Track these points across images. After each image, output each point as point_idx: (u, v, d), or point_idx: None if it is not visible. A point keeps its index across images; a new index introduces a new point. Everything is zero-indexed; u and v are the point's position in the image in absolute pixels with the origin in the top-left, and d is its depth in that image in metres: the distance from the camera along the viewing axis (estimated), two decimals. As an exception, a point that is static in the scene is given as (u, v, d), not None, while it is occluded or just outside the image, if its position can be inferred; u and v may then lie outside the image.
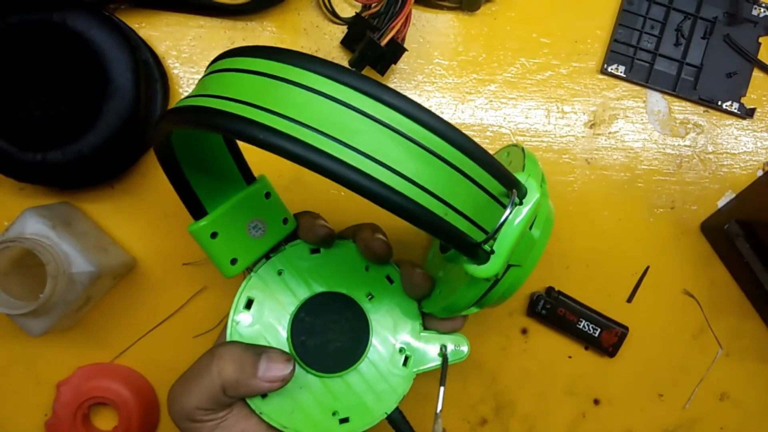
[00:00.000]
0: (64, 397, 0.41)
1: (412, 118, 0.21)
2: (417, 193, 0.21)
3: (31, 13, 0.36)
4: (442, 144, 0.22)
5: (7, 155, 0.37)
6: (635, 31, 0.44)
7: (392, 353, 0.34)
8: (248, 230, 0.33)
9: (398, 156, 0.21)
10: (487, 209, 0.24)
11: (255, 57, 0.22)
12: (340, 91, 0.21)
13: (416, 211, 0.21)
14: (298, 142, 0.20)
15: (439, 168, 0.22)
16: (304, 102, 0.21)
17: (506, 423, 0.44)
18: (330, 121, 0.21)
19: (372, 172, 0.21)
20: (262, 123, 0.21)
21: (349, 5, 0.43)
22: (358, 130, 0.21)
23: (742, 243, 0.41)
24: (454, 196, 0.22)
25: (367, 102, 0.21)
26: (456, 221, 0.23)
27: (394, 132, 0.21)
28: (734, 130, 0.45)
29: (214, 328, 0.42)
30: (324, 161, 0.20)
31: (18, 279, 0.36)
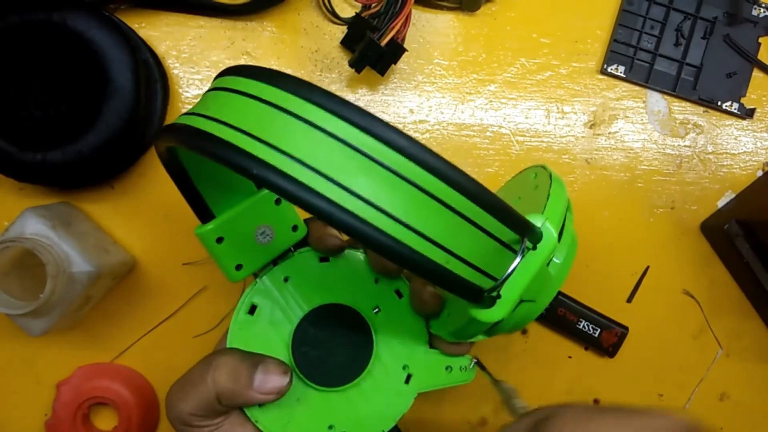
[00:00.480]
0: (64, 397, 0.41)
1: (414, 159, 0.20)
2: (416, 240, 0.20)
3: (31, 13, 0.36)
4: (444, 188, 0.21)
5: (7, 155, 0.37)
6: (635, 31, 0.44)
7: (395, 370, 0.33)
8: (256, 236, 0.33)
9: (397, 201, 0.20)
10: (495, 256, 0.23)
11: (257, 80, 0.21)
12: (340, 127, 0.20)
13: (415, 259, 0.20)
14: (293, 181, 0.19)
15: (440, 213, 0.21)
16: (302, 137, 0.20)
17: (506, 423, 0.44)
18: (327, 159, 0.20)
19: (368, 217, 0.20)
20: (257, 157, 0.20)
21: (349, 5, 0.43)
22: (357, 172, 0.20)
23: (742, 243, 0.41)
24: (456, 244, 0.21)
25: (367, 140, 0.20)
26: (459, 269, 0.22)
27: (394, 174, 0.20)
28: (734, 130, 0.45)
29: (214, 328, 0.42)
30: (319, 203, 0.19)
31: (18, 279, 0.36)
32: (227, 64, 0.42)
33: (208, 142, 0.21)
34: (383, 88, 0.43)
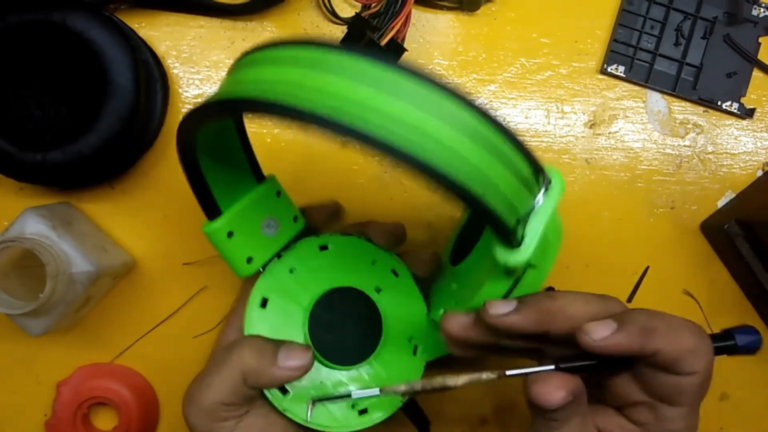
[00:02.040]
0: (64, 397, 0.41)
1: (454, 97, 0.21)
2: (467, 169, 0.21)
3: (31, 13, 0.36)
4: (482, 123, 0.22)
5: (7, 155, 0.37)
6: (635, 31, 0.44)
7: (403, 344, 0.35)
8: (262, 229, 0.33)
9: (442, 130, 0.21)
10: (520, 193, 0.24)
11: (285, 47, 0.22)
12: (382, 72, 0.21)
13: (464, 186, 0.21)
14: (346, 115, 0.20)
15: (481, 145, 0.22)
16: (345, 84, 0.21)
17: (506, 423, 0.44)
18: (373, 99, 0.21)
19: (420, 141, 0.20)
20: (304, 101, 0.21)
21: (349, 5, 0.43)
22: (401, 106, 0.21)
23: (742, 243, 0.41)
24: (494, 175, 0.22)
25: (408, 82, 0.21)
26: (495, 200, 0.22)
27: (434, 108, 0.21)
28: (734, 130, 0.45)
29: (214, 328, 0.42)
30: (371, 131, 0.20)
31: (18, 279, 0.36)
32: (227, 64, 0.42)
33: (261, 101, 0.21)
34: (383, 88, 0.43)
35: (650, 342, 0.26)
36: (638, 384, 0.27)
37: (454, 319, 0.29)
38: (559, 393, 0.26)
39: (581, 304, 0.27)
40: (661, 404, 0.27)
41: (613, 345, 0.26)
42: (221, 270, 0.42)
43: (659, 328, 0.26)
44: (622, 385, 0.28)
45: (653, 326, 0.26)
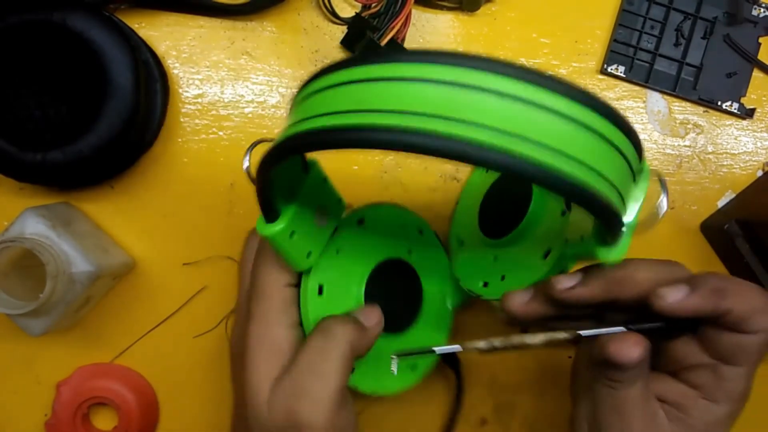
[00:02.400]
0: (64, 397, 0.41)
1: (546, 88, 0.20)
2: (569, 163, 0.20)
3: (31, 13, 0.36)
4: (583, 111, 0.20)
5: (7, 155, 0.37)
6: (635, 31, 0.44)
7: (437, 298, 0.38)
8: (316, 220, 0.33)
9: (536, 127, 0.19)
10: (628, 183, 0.23)
11: (340, 70, 0.22)
12: (447, 72, 0.19)
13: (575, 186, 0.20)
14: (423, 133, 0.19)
15: (585, 136, 0.20)
16: (415, 92, 0.20)
17: (506, 423, 0.44)
18: (446, 104, 0.19)
19: (510, 146, 0.19)
20: (380, 124, 0.20)
21: (349, 5, 0.43)
22: (482, 108, 0.19)
23: (742, 243, 0.41)
24: (603, 166, 0.21)
25: (486, 78, 0.19)
26: (607, 191, 0.21)
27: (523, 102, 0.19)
28: (734, 130, 0.45)
29: (213, 328, 0.42)
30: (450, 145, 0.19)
31: (18, 279, 0.36)
32: (227, 64, 0.42)
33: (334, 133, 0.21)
34: (383, 88, 0.43)
35: (723, 302, 0.26)
36: (700, 346, 0.28)
37: (517, 298, 0.30)
38: (637, 349, 0.27)
39: (648, 269, 0.28)
40: (722, 365, 0.28)
41: (688, 307, 0.27)
42: (221, 270, 0.42)
43: (730, 289, 0.27)
44: (681, 349, 0.29)
45: (724, 287, 0.27)
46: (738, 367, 0.28)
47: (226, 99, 0.42)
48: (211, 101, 0.42)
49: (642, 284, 0.28)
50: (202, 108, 0.42)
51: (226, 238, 0.42)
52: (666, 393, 0.29)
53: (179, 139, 0.42)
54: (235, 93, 0.43)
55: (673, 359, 0.29)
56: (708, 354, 0.28)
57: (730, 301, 0.26)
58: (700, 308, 0.27)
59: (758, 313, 0.26)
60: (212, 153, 0.42)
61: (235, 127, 0.42)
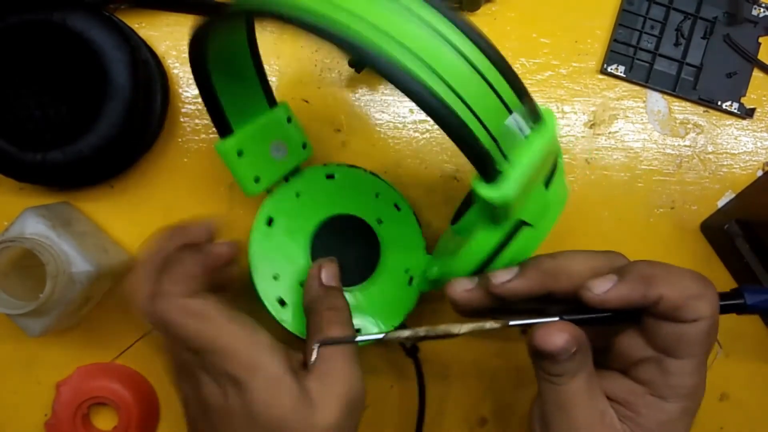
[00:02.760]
0: (64, 397, 0.41)
1: (450, 20, 0.22)
2: (445, 90, 0.21)
3: (31, 13, 0.36)
4: (472, 48, 0.22)
5: (7, 155, 0.37)
6: (635, 31, 0.44)
7: (399, 273, 0.37)
8: (271, 151, 0.36)
9: (421, 42, 0.21)
10: (497, 114, 0.23)
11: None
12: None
13: (439, 110, 0.21)
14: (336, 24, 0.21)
15: (457, 62, 0.22)
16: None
17: (506, 423, 0.44)
18: (373, 11, 0.21)
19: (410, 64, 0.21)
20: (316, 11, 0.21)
21: (349, 5, 0.43)
22: (403, 25, 0.21)
23: (742, 243, 0.41)
24: (467, 92, 0.22)
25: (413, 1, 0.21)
26: (476, 128, 0.22)
27: (433, 30, 0.21)
28: (734, 130, 0.45)
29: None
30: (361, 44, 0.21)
31: (18, 279, 0.36)
32: (227, 64, 0.42)
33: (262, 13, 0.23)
34: (383, 87, 0.43)
35: (652, 289, 0.25)
36: (643, 338, 0.27)
37: (458, 285, 0.29)
38: (562, 336, 0.26)
39: (582, 261, 0.28)
40: (667, 357, 0.26)
41: (615, 297, 0.26)
42: (221, 270, 0.42)
43: (660, 275, 0.26)
44: (626, 343, 0.28)
45: (654, 273, 0.26)
46: (683, 360, 0.26)
47: (226, 99, 0.42)
48: (211, 101, 0.42)
49: (576, 276, 0.27)
50: (202, 108, 0.42)
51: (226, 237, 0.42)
52: (615, 391, 0.28)
53: (179, 139, 0.42)
54: (235, 93, 0.43)
55: (620, 355, 0.28)
56: (651, 347, 0.27)
57: (660, 288, 0.25)
58: (627, 298, 0.26)
59: (693, 300, 0.25)
60: (212, 153, 0.42)
61: (235, 127, 0.42)
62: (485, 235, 0.27)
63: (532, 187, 0.26)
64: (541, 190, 0.27)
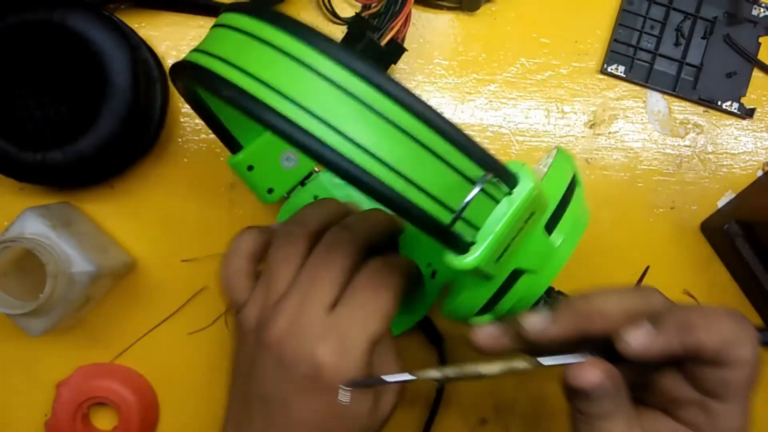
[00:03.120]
0: (64, 397, 0.41)
1: (377, 88, 0.21)
2: (372, 164, 0.21)
3: (31, 13, 0.36)
4: (405, 116, 0.21)
5: (7, 155, 0.37)
6: (635, 31, 0.44)
7: (422, 267, 0.36)
8: (281, 162, 0.36)
9: (354, 123, 0.20)
10: (460, 191, 0.23)
11: (239, 13, 0.23)
12: (303, 51, 0.21)
13: (368, 182, 0.21)
14: (250, 98, 0.21)
15: (400, 141, 0.21)
16: (268, 59, 0.21)
17: (506, 423, 0.44)
18: (287, 80, 0.21)
19: (324, 136, 0.20)
20: (226, 78, 0.21)
21: (349, 5, 0.43)
22: (315, 92, 0.20)
23: (742, 243, 0.41)
24: (416, 172, 0.21)
25: (328, 64, 0.20)
26: (418, 199, 0.22)
27: (353, 98, 0.20)
28: (734, 130, 0.45)
29: (210, 325, 0.42)
30: (272, 118, 0.20)
31: (18, 279, 0.36)
32: (227, 64, 0.42)
33: (206, 79, 0.22)
34: (383, 88, 0.43)
35: (690, 338, 0.25)
36: (685, 380, 0.26)
37: (484, 332, 0.29)
38: (596, 373, 0.25)
39: (617, 302, 0.27)
40: (711, 400, 0.25)
41: (654, 350, 0.25)
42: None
43: (698, 323, 0.25)
44: (668, 383, 0.27)
45: (691, 321, 0.25)
46: (728, 403, 0.25)
47: (226, 99, 0.42)
48: (211, 101, 0.42)
49: (611, 317, 0.26)
50: (202, 108, 0.42)
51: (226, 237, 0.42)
52: (657, 428, 0.27)
53: (179, 139, 0.42)
54: (235, 93, 0.43)
55: (662, 394, 0.27)
56: (695, 389, 0.26)
57: (699, 335, 0.25)
58: (667, 349, 0.25)
59: (732, 345, 0.25)
60: (212, 153, 0.42)
61: (235, 127, 0.42)
62: (477, 289, 0.27)
63: (524, 240, 0.26)
64: (540, 237, 0.27)
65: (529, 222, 0.25)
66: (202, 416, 0.43)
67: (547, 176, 0.28)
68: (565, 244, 0.28)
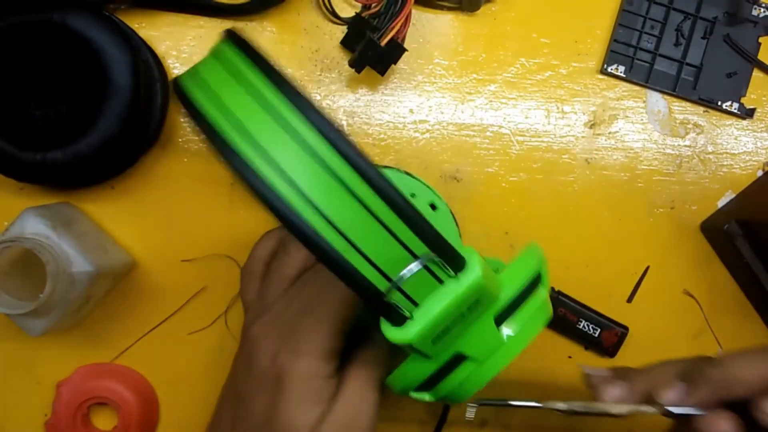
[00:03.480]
0: (64, 397, 0.41)
1: (336, 148, 0.21)
2: (318, 220, 0.21)
3: (31, 13, 0.36)
4: (359, 182, 0.21)
5: (7, 155, 0.37)
6: (635, 31, 0.44)
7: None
8: None
9: (310, 179, 0.21)
10: (403, 265, 0.23)
11: (230, 44, 0.23)
12: (275, 98, 0.21)
13: (310, 235, 0.21)
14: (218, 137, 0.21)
15: (350, 204, 0.21)
16: (241, 100, 0.21)
17: (506, 423, 0.44)
18: (255, 124, 0.21)
19: (277, 185, 0.21)
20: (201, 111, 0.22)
21: (349, 5, 0.43)
22: (277, 141, 0.21)
23: (742, 243, 0.41)
24: (361, 238, 0.22)
25: (295, 118, 0.21)
26: (358, 263, 0.22)
27: (314, 157, 0.21)
28: (734, 130, 0.45)
29: (209, 325, 0.42)
30: (234, 161, 0.21)
31: (18, 279, 0.36)
32: (227, 64, 0.42)
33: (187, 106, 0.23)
34: (383, 88, 0.43)
35: None
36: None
37: (614, 391, 0.29)
38: (726, 424, 0.25)
39: (753, 368, 0.26)
40: None
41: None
42: (221, 270, 0.42)
43: None
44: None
45: None
46: None
47: (226, 99, 0.42)
48: (211, 101, 0.42)
49: (749, 383, 0.26)
50: (202, 108, 0.42)
51: (227, 237, 0.42)
52: None
53: (179, 139, 0.42)
54: (235, 93, 0.43)
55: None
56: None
57: None
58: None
59: None
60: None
61: (235, 127, 0.42)
62: (416, 365, 0.27)
63: (469, 326, 0.26)
64: (486, 327, 0.26)
65: (474, 310, 0.25)
66: (202, 416, 0.43)
67: (508, 267, 0.28)
68: (516, 339, 0.27)
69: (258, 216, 0.43)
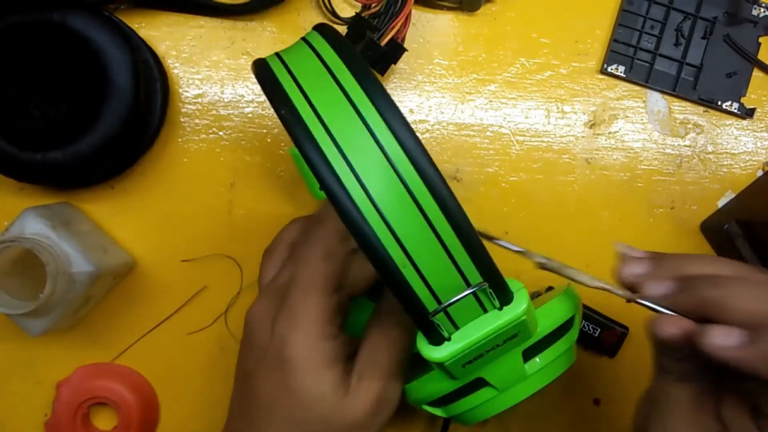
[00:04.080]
0: (64, 397, 0.41)
1: (415, 165, 0.21)
2: (383, 230, 0.21)
3: (31, 13, 0.36)
4: (431, 201, 0.21)
5: (7, 155, 0.37)
6: (635, 31, 0.44)
7: None
8: None
9: (383, 186, 0.21)
10: (454, 288, 0.23)
11: (325, 38, 0.23)
12: (364, 104, 0.21)
13: (373, 244, 0.21)
14: (306, 133, 0.21)
15: (416, 220, 0.21)
16: (330, 96, 0.22)
17: (506, 423, 0.44)
18: (339, 122, 0.21)
19: (353, 192, 0.21)
20: (292, 103, 0.22)
21: (349, 5, 0.43)
22: (359, 144, 0.21)
23: (742, 243, 0.41)
24: (420, 255, 0.22)
25: (383, 129, 0.21)
26: (412, 279, 0.22)
27: (391, 166, 0.21)
28: (734, 130, 0.45)
29: (209, 325, 0.42)
30: (311, 152, 0.21)
31: (18, 279, 0.36)
32: (227, 64, 0.42)
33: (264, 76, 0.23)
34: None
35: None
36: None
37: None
38: (673, 328, 0.25)
39: (750, 299, 0.24)
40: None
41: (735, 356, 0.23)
42: (221, 270, 0.42)
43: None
44: (761, 389, 0.25)
45: None
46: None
47: (226, 99, 0.42)
48: (211, 101, 0.42)
49: (738, 316, 0.24)
50: (202, 108, 0.42)
51: (227, 237, 0.42)
52: (732, 423, 0.26)
53: (179, 139, 0.42)
54: (235, 93, 0.43)
55: (752, 394, 0.26)
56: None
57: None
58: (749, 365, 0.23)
59: None
60: (212, 153, 0.42)
61: (234, 127, 0.42)
62: (437, 381, 0.27)
63: (499, 356, 0.26)
64: (514, 359, 0.27)
65: (508, 342, 0.25)
66: (202, 416, 0.43)
67: (545, 306, 0.28)
68: (538, 376, 0.28)
69: (258, 216, 0.43)
